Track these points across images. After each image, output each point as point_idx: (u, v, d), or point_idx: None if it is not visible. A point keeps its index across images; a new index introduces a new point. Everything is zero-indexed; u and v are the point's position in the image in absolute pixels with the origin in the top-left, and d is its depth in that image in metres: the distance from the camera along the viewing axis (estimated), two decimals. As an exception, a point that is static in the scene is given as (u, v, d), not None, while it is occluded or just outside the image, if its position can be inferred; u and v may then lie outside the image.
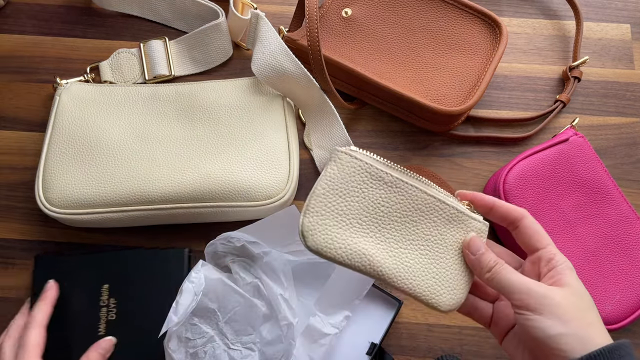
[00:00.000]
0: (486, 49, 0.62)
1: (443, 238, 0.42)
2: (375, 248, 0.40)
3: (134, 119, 0.60)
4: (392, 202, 0.41)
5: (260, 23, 0.61)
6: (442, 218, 0.42)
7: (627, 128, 0.65)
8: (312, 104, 0.61)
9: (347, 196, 0.40)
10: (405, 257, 0.41)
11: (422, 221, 0.41)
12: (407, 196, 0.41)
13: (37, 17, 0.70)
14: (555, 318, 0.36)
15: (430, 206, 0.41)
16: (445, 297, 0.41)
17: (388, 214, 0.41)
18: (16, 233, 0.60)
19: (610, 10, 0.71)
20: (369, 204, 0.40)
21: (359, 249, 0.39)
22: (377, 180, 0.40)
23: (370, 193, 0.40)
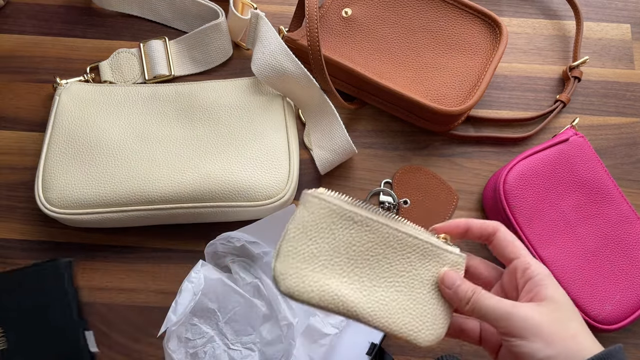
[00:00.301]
0: (486, 49, 0.62)
1: (418, 273, 0.41)
2: (349, 288, 0.39)
3: (133, 119, 0.60)
4: (363, 241, 0.40)
5: (260, 23, 0.61)
6: (416, 254, 0.41)
7: (627, 128, 0.65)
8: (312, 104, 0.61)
9: (318, 238, 0.39)
10: (380, 296, 0.40)
11: (396, 258, 0.41)
12: (379, 234, 0.40)
13: (37, 17, 0.70)
14: (540, 341, 0.36)
15: (402, 243, 0.41)
16: (424, 332, 0.41)
17: (361, 253, 0.40)
18: (16, 233, 0.60)
19: (611, 10, 0.71)
20: (341, 245, 0.40)
21: (332, 291, 0.38)
22: (347, 221, 0.40)
23: (341, 234, 0.40)
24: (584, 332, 0.38)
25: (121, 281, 0.58)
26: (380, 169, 0.62)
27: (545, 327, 0.37)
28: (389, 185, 0.62)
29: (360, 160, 0.63)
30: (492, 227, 0.42)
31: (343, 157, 0.60)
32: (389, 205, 0.60)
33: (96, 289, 0.57)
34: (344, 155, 0.60)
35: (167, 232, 0.59)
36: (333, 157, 0.60)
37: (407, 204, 0.61)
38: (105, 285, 0.58)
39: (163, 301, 0.57)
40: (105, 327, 0.56)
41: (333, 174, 0.62)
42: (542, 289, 0.39)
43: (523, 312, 0.37)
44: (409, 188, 0.61)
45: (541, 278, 0.39)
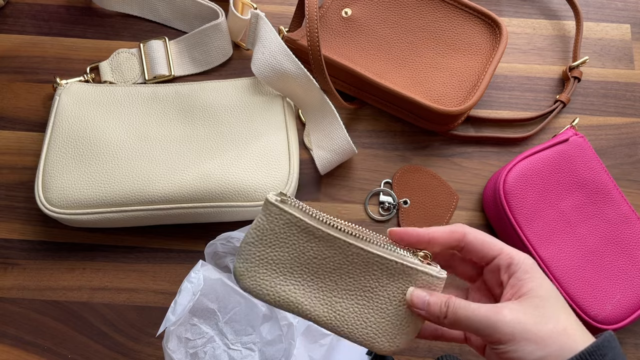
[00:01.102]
0: (486, 49, 0.62)
1: (385, 289, 0.39)
2: (306, 296, 0.39)
3: (133, 119, 0.60)
4: (324, 255, 0.39)
5: (260, 23, 0.61)
6: (383, 271, 0.39)
7: (627, 128, 0.65)
8: (312, 104, 0.61)
9: (276, 247, 0.39)
10: (338, 306, 0.39)
11: (359, 273, 0.39)
12: (341, 251, 0.39)
13: (37, 17, 0.70)
14: (530, 343, 0.34)
15: (367, 260, 0.39)
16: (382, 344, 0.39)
17: (321, 265, 0.39)
18: (16, 233, 0.60)
19: (610, 10, 0.71)
20: (300, 255, 0.39)
21: (288, 297, 0.39)
22: (307, 234, 0.39)
23: (300, 246, 0.39)
24: (574, 324, 0.36)
25: (121, 281, 0.58)
26: (380, 169, 0.62)
27: (533, 327, 0.34)
28: (389, 185, 0.62)
29: (360, 160, 0.63)
30: (459, 231, 0.39)
31: (343, 157, 0.60)
32: (389, 205, 0.60)
33: (96, 289, 0.57)
34: (344, 155, 0.60)
35: (167, 232, 0.59)
36: (333, 157, 0.60)
37: (407, 204, 0.61)
38: (105, 285, 0.58)
39: (163, 301, 0.57)
40: (105, 327, 0.56)
41: (333, 174, 0.62)
42: (525, 283, 0.36)
43: (507, 317, 0.35)
44: (408, 188, 0.61)
45: (525, 271, 0.37)
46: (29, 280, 0.58)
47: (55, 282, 0.58)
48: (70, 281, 0.58)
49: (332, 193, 0.61)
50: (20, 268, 0.58)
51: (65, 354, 0.55)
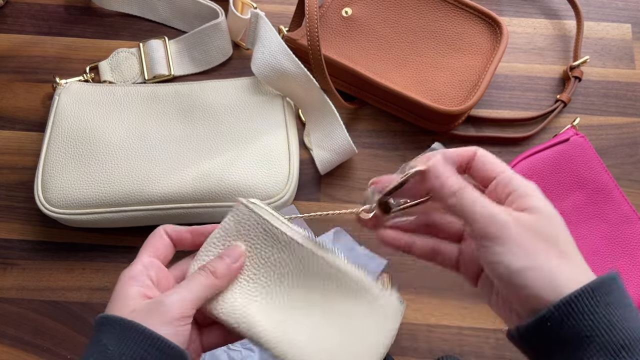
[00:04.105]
0: (487, 48, 0.61)
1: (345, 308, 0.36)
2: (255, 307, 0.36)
3: (133, 118, 0.60)
4: (285, 263, 0.37)
5: (260, 22, 0.61)
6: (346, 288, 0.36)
7: (628, 128, 0.65)
8: (312, 104, 0.61)
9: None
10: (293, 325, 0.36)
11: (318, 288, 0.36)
12: (304, 260, 0.36)
13: (37, 16, 0.70)
14: (518, 248, 0.31)
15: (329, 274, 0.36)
16: None
17: (280, 275, 0.37)
18: (16, 233, 0.60)
19: (611, 9, 0.71)
20: (261, 262, 0.37)
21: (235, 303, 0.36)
22: (272, 239, 0.37)
23: (263, 251, 0.37)
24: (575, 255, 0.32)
25: (121, 281, 0.58)
26: (380, 169, 0.62)
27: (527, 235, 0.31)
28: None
29: (360, 160, 0.63)
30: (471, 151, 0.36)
31: (343, 157, 0.60)
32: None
33: (96, 289, 0.57)
34: (344, 155, 0.60)
35: (167, 232, 0.59)
36: (333, 157, 0.60)
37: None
38: (105, 285, 0.57)
39: (163, 301, 0.57)
40: (105, 327, 0.56)
41: (333, 174, 0.62)
42: (527, 199, 0.33)
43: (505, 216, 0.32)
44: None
45: (526, 190, 0.33)
46: (28, 281, 0.58)
47: (54, 283, 0.58)
48: (69, 281, 0.58)
49: (332, 193, 0.61)
50: (19, 268, 0.58)
51: (65, 355, 0.55)
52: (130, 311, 0.33)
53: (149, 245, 0.38)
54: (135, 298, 0.34)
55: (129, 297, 0.34)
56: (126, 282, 0.35)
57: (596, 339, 0.29)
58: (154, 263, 0.37)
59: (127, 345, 0.31)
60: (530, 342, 0.31)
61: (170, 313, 0.33)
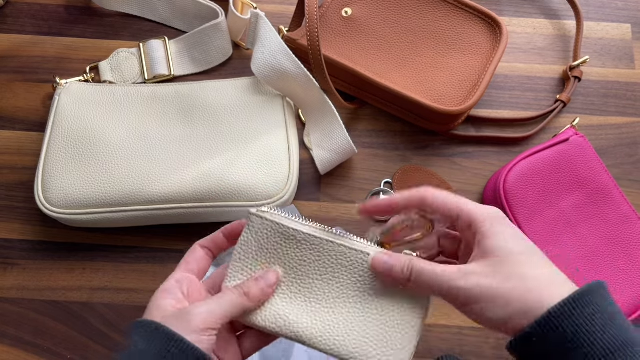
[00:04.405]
0: (486, 48, 0.61)
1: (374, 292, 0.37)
2: (293, 309, 0.38)
3: (133, 118, 0.60)
4: (309, 260, 0.38)
5: (260, 23, 0.61)
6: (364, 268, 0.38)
7: (628, 128, 0.65)
8: (312, 104, 0.61)
9: (262, 259, 0.39)
10: (327, 317, 0.37)
11: (345, 277, 0.38)
12: (325, 252, 0.38)
13: (37, 17, 0.70)
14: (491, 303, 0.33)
15: (352, 260, 0.38)
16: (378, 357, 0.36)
17: (307, 273, 0.38)
18: (16, 233, 0.60)
19: (611, 9, 0.71)
20: (286, 264, 0.38)
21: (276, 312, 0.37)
22: (290, 240, 0.38)
23: (285, 253, 0.38)
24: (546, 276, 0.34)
25: (121, 281, 0.58)
26: (380, 169, 0.62)
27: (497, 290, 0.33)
28: (389, 185, 0.62)
29: (360, 160, 0.63)
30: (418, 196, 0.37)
31: (343, 157, 0.60)
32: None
33: (96, 289, 0.57)
34: (344, 155, 0.60)
35: (167, 232, 0.59)
36: (333, 157, 0.60)
37: (407, 204, 0.60)
38: (105, 285, 0.58)
39: (163, 301, 0.57)
40: (105, 327, 0.56)
41: (333, 174, 0.62)
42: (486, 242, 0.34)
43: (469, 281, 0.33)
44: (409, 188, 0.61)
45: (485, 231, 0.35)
46: (29, 281, 0.58)
47: (54, 282, 0.58)
48: (69, 281, 0.58)
49: (332, 193, 0.61)
50: (20, 268, 0.58)
51: (65, 354, 0.55)
52: (161, 317, 0.36)
53: (183, 261, 0.40)
54: (166, 308, 0.37)
55: (161, 308, 0.37)
56: (160, 296, 0.38)
57: (579, 350, 0.31)
58: (186, 277, 0.39)
59: (153, 343, 0.34)
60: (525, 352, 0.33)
61: (195, 322, 0.35)
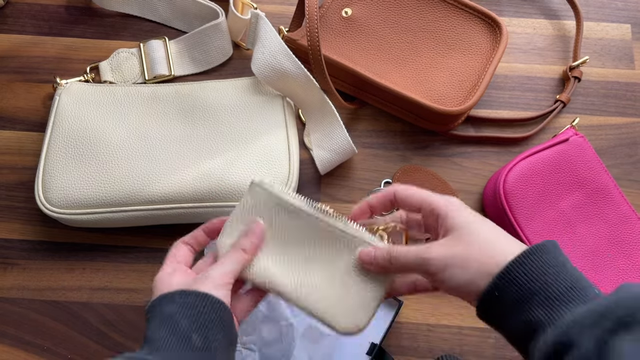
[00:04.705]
0: (486, 48, 0.62)
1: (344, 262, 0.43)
2: (277, 268, 0.43)
3: (133, 118, 0.60)
4: (296, 230, 0.43)
5: (260, 23, 0.61)
6: (346, 247, 0.43)
7: (628, 128, 0.65)
8: (312, 104, 0.61)
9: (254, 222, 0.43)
10: (305, 279, 0.43)
11: (325, 248, 0.43)
12: (311, 226, 0.43)
13: (37, 17, 0.70)
14: (452, 268, 0.38)
15: (331, 235, 0.43)
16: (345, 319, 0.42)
17: (293, 240, 0.44)
18: (16, 233, 0.60)
19: (611, 10, 0.71)
20: (276, 230, 0.44)
21: (262, 267, 0.43)
22: (284, 210, 0.43)
23: (277, 221, 0.44)
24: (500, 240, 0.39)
25: (121, 281, 0.58)
26: (380, 169, 0.62)
27: (455, 256, 0.38)
28: (389, 185, 0.62)
29: (360, 160, 0.63)
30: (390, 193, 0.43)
31: (343, 157, 0.60)
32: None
33: (96, 289, 0.57)
34: (344, 155, 0.60)
35: (167, 232, 0.59)
36: (333, 157, 0.60)
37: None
38: (105, 285, 0.58)
39: (163, 301, 0.57)
40: (105, 327, 0.56)
41: (333, 174, 0.62)
42: (446, 222, 0.40)
43: (433, 252, 0.39)
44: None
45: (445, 213, 0.40)
46: (29, 281, 0.58)
47: (55, 282, 0.58)
48: (70, 281, 0.58)
49: (332, 193, 0.61)
50: (20, 268, 0.58)
51: (65, 354, 0.55)
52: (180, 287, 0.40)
53: (170, 255, 0.44)
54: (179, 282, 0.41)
55: (173, 285, 0.41)
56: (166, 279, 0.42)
57: (535, 297, 0.35)
58: (177, 266, 0.43)
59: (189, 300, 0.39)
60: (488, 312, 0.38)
61: (216, 281, 0.40)
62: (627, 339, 0.31)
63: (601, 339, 0.31)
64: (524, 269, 0.36)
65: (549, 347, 0.34)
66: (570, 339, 0.33)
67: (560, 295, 0.35)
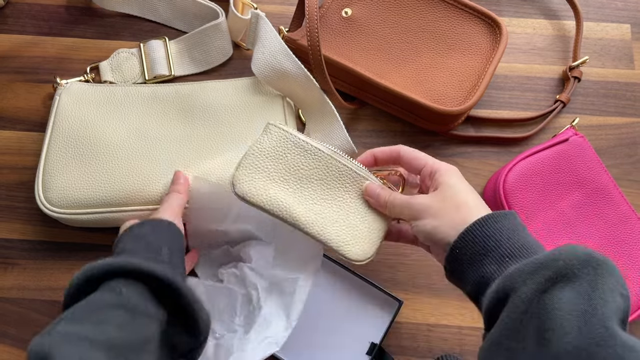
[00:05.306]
0: (486, 49, 0.62)
1: (353, 199, 0.49)
2: (293, 199, 0.48)
3: (134, 118, 0.60)
4: (310, 166, 0.49)
5: (260, 23, 0.61)
6: (353, 183, 0.49)
7: (627, 128, 0.65)
8: (312, 104, 0.61)
9: (272, 158, 0.48)
10: (318, 210, 0.48)
11: (335, 184, 0.49)
12: (323, 163, 0.49)
13: (37, 17, 0.70)
14: (429, 217, 0.43)
15: (342, 172, 0.49)
16: (353, 247, 0.48)
17: (307, 176, 0.49)
18: (17, 233, 0.60)
19: (610, 10, 0.71)
20: (291, 166, 0.48)
21: (278, 198, 0.47)
22: (299, 148, 0.48)
23: (292, 158, 0.48)
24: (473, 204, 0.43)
25: (121, 281, 0.58)
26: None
27: (433, 206, 0.44)
28: (389, 185, 0.62)
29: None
30: (395, 149, 0.49)
31: (343, 157, 0.60)
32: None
33: (96, 289, 0.57)
34: (344, 155, 0.60)
35: (167, 232, 0.59)
36: (333, 157, 0.60)
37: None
38: (106, 285, 0.58)
39: (163, 301, 0.57)
40: (106, 327, 0.56)
41: (333, 174, 0.62)
42: (438, 181, 0.45)
43: (418, 200, 0.45)
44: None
45: (440, 173, 0.45)
46: (29, 280, 0.58)
47: (55, 282, 0.58)
48: (70, 281, 0.58)
49: (332, 193, 0.61)
50: (20, 268, 0.58)
51: (66, 354, 0.55)
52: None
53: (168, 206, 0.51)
54: None
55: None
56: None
57: (490, 253, 0.40)
58: None
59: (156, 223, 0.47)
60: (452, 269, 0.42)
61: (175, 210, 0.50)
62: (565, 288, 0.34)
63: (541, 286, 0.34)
64: (481, 230, 0.40)
65: (493, 294, 0.37)
66: (512, 285, 0.36)
67: (511, 253, 0.39)
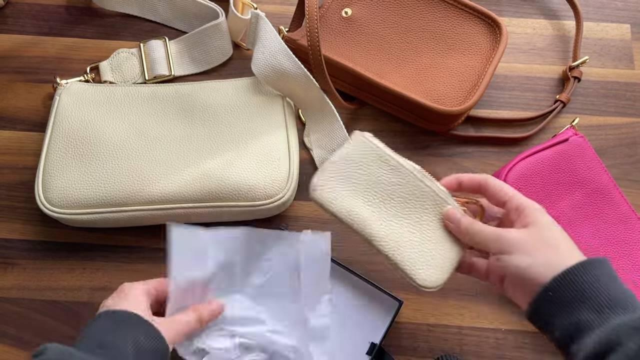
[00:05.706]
0: (486, 49, 0.62)
1: (431, 222, 0.47)
2: (371, 214, 0.47)
3: (134, 118, 0.60)
4: (392, 182, 0.47)
5: (260, 23, 0.61)
6: (433, 206, 0.47)
7: (627, 128, 0.65)
8: (312, 104, 0.61)
9: (355, 168, 0.47)
10: (394, 229, 0.46)
11: (415, 204, 0.47)
12: (406, 181, 0.47)
13: (37, 17, 0.70)
14: (522, 253, 0.42)
15: (424, 193, 0.47)
16: (425, 273, 0.46)
17: (387, 192, 0.47)
18: (16, 233, 0.60)
19: (610, 10, 0.71)
20: (372, 179, 0.47)
21: (357, 210, 0.46)
22: (383, 162, 0.47)
23: (375, 171, 0.47)
24: (568, 248, 0.43)
25: (121, 281, 0.57)
26: (380, 169, 0.62)
27: (529, 243, 0.42)
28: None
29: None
30: (482, 178, 0.48)
31: (343, 157, 0.60)
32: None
33: (96, 289, 0.57)
34: (344, 155, 0.60)
35: (167, 232, 0.59)
36: (333, 157, 0.60)
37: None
38: (105, 285, 0.58)
39: (163, 301, 0.57)
40: (106, 327, 0.56)
41: (333, 174, 0.62)
42: (530, 217, 0.44)
43: (510, 234, 0.43)
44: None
45: (530, 211, 0.44)
46: (29, 280, 0.58)
47: (55, 282, 0.58)
48: (70, 281, 0.58)
49: (332, 193, 0.61)
50: (20, 268, 0.58)
51: (66, 354, 0.55)
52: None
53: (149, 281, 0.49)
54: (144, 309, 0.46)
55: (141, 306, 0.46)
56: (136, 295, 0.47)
57: (588, 301, 0.39)
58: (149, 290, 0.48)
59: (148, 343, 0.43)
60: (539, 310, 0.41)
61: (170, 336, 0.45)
62: None
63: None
64: (580, 275, 0.40)
65: (595, 346, 0.37)
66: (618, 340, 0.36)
67: (610, 302, 0.38)
